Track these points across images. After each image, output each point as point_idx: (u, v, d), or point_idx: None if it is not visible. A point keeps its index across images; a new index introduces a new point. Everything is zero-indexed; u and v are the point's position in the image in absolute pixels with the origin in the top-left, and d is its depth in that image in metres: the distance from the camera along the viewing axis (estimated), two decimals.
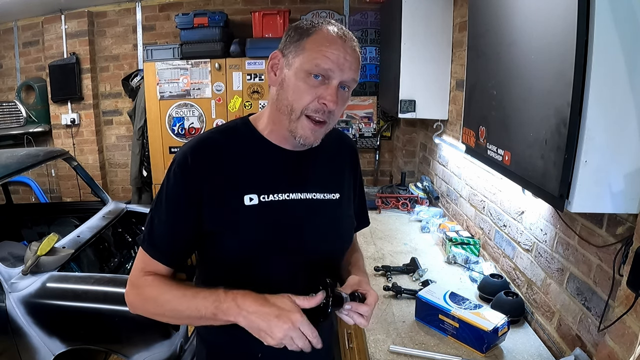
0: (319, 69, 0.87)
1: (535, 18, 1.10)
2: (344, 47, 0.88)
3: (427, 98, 2.48)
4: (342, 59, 0.88)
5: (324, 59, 0.87)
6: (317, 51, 0.87)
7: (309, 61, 0.87)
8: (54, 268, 2.16)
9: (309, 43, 0.88)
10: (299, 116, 0.90)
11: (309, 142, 0.93)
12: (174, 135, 3.48)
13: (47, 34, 3.76)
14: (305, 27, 0.91)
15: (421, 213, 2.51)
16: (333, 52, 0.87)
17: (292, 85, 0.89)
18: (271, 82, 0.95)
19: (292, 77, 0.89)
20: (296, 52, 0.89)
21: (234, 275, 0.99)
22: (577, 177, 0.93)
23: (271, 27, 3.32)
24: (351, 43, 0.90)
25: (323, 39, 0.88)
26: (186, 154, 0.93)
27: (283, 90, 0.91)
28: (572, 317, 1.31)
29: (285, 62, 0.91)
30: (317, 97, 0.88)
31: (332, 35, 0.89)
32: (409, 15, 2.40)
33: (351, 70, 0.89)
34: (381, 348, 1.36)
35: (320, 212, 1.01)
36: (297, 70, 0.89)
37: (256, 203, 0.94)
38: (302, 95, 0.89)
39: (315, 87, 0.88)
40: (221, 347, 1.04)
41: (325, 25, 0.90)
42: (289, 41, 0.91)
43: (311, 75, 0.88)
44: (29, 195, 4.24)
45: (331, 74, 0.88)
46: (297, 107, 0.89)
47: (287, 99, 0.90)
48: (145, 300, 0.96)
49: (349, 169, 1.11)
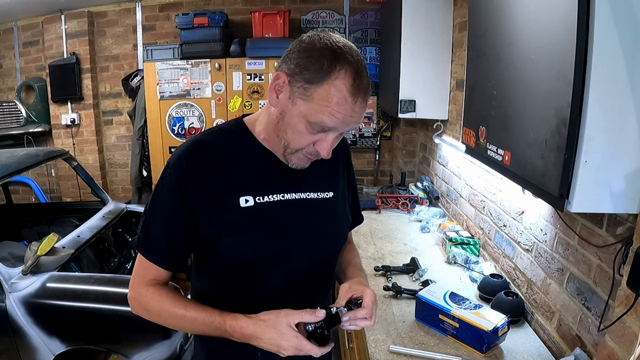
0: (323, 126, 0.85)
1: (535, 18, 1.10)
2: (352, 107, 0.83)
3: (427, 98, 2.48)
4: (348, 117, 0.84)
5: (330, 117, 0.83)
6: (325, 107, 0.82)
7: (314, 114, 0.84)
8: (54, 268, 2.16)
9: (318, 94, 0.82)
10: (294, 152, 0.91)
11: (301, 167, 0.95)
12: (174, 135, 3.48)
13: (47, 34, 3.76)
14: (317, 64, 0.82)
15: (421, 213, 2.51)
16: (340, 112, 0.83)
17: (292, 126, 0.87)
18: (271, 103, 0.90)
19: (294, 118, 0.86)
20: (303, 95, 0.84)
21: (232, 277, 0.99)
22: (577, 177, 0.93)
23: (271, 27, 3.32)
24: (363, 97, 0.84)
25: (333, 97, 0.82)
26: (181, 156, 0.93)
27: (282, 123, 0.89)
28: (572, 317, 1.31)
29: (290, 94, 0.86)
30: (313, 142, 0.89)
31: (345, 92, 0.82)
32: (409, 15, 2.40)
33: (355, 123, 0.87)
34: (381, 348, 1.36)
35: (315, 210, 1.02)
36: (300, 114, 0.85)
37: (252, 204, 0.94)
38: (300, 140, 0.88)
39: (314, 135, 0.87)
40: (221, 346, 1.04)
41: (340, 72, 0.81)
42: (297, 72, 0.84)
43: (314, 125, 0.85)
44: (29, 195, 4.24)
45: (334, 130, 0.87)
46: (294, 146, 0.90)
47: (285, 134, 0.89)
48: (148, 312, 0.99)
49: (342, 167, 1.12)
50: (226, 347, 1.02)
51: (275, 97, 0.88)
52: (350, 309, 0.92)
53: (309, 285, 1.04)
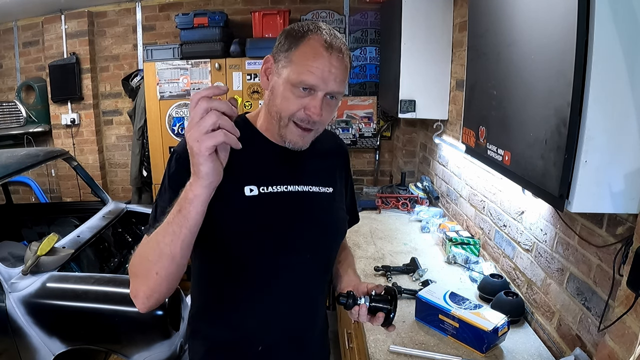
0: (304, 83, 0.90)
1: (535, 18, 1.10)
2: (329, 60, 0.90)
3: (427, 98, 2.48)
4: (326, 72, 0.89)
5: (309, 74, 0.89)
6: (303, 65, 0.89)
7: (294, 75, 0.90)
8: (54, 268, 2.16)
9: (296, 56, 0.90)
10: (287, 123, 0.94)
11: (298, 147, 0.97)
12: (174, 135, 3.48)
13: (47, 34, 3.76)
14: (295, 35, 0.92)
15: (421, 213, 2.51)
16: (317, 67, 0.89)
17: (280, 94, 0.93)
18: (264, 86, 0.98)
19: (280, 86, 0.93)
20: (285, 63, 0.92)
21: (235, 266, 0.99)
22: (577, 177, 0.93)
23: (271, 27, 3.32)
24: (337, 54, 0.91)
25: (309, 53, 0.90)
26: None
27: (273, 97, 0.95)
28: (572, 317, 1.31)
29: (276, 69, 0.94)
30: (302, 107, 0.92)
31: (319, 48, 0.90)
32: (409, 15, 2.40)
33: (335, 82, 0.91)
34: (381, 348, 1.36)
35: (316, 203, 1.04)
36: (284, 80, 0.92)
37: (256, 194, 0.96)
38: (289, 105, 0.92)
39: (302, 98, 0.91)
40: (221, 342, 1.04)
41: (313, 34, 0.91)
42: (280, 49, 0.94)
43: (297, 87, 0.91)
44: (29, 195, 4.24)
45: (316, 87, 0.90)
46: (285, 114, 0.93)
47: (275, 106, 0.94)
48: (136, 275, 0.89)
49: (340, 168, 1.15)
50: (227, 341, 1.03)
51: (266, 79, 0.97)
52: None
53: (309, 277, 1.05)
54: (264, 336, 1.03)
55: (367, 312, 0.97)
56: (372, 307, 0.97)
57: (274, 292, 1.00)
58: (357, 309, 0.97)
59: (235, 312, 1.02)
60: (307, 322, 1.10)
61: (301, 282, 1.03)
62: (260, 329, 1.03)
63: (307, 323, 1.10)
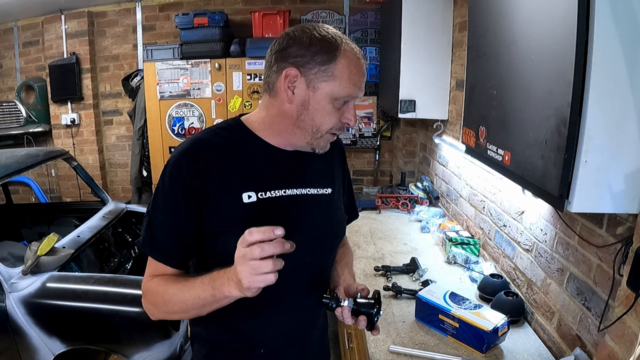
0: (351, 97, 0.93)
1: (535, 18, 1.10)
2: (364, 69, 0.94)
3: (427, 98, 2.48)
4: (362, 79, 0.94)
5: (354, 87, 0.92)
6: (348, 80, 0.91)
7: (341, 89, 0.91)
8: (54, 268, 2.16)
9: (338, 70, 0.90)
10: (324, 134, 0.96)
11: (325, 150, 1.00)
12: (174, 135, 3.48)
13: (47, 34, 3.76)
14: (327, 48, 0.89)
15: (421, 213, 2.51)
16: (359, 79, 0.92)
17: (320, 109, 0.92)
18: (288, 101, 0.93)
19: (320, 101, 0.92)
20: (324, 77, 0.90)
21: None
22: (577, 177, 0.93)
23: (271, 27, 3.32)
24: (364, 61, 0.95)
25: (351, 67, 0.91)
26: (181, 155, 0.94)
27: (307, 112, 0.93)
28: (572, 317, 1.31)
29: (307, 83, 0.91)
30: (340, 117, 0.94)
31: (355, 60, 0.91)
32: (409, 15, 2.40)
33: (364, 84, 0.96)
34: (381, 348, 1.36)
35: (315, 206, 1.03)
36: (325, 95, 0.91)
37: (255, 200, 0.95)
38: (331, 119, 0.94)
39: (339, 109, 0.94)
40: (224, 345, 1.04)
41: (343, 44, 0.91)
42: (310, 61, 0.89)
43: (339, 100, 0.92)
44: (29, 195, 4.24)
45: (355, 97, 0.94)
46: (325, 128, 0.94)
47: (312, 120, 0.94)
48: (155, 304, 0.96)
49: (338, 164, 1.15)
50: (230, 344, 1.03)
51: (291, 93, 0.92)
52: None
53: (309, 279, 1.05)
54: (266, 339, 1.03)
55: (350, 315, 0.95)
56: (355, 310, 0.95)
57: (274, 295, 0.99)
58: (339, 311, 0.96)
59: (236, 316, 1.01)
60: (308, 323, 1.10)
61: (301, 285, 1.03)
62: (261, 332, 1.03)
63: (308, 324, 1.10)
